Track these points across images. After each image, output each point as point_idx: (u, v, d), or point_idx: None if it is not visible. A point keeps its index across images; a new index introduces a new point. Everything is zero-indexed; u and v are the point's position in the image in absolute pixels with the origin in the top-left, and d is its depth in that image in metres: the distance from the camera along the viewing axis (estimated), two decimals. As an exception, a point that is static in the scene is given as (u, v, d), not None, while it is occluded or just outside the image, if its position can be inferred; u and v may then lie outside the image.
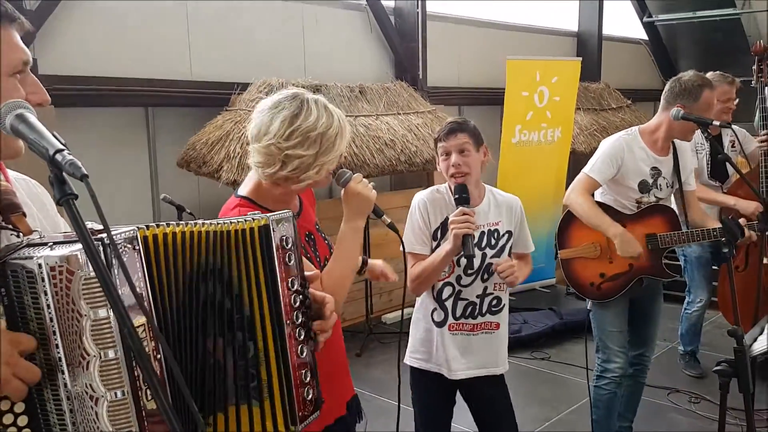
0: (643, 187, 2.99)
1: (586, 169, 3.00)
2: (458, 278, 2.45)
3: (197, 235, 1.20)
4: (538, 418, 3.95)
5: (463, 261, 2.40)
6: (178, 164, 4.71)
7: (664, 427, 3.80)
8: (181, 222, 1.20)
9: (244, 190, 1.85)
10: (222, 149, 4.51)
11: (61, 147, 0.91)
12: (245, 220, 1.24)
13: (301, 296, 1.31)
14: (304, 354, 1.31)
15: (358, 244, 1.84)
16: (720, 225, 2.89)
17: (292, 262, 1.29)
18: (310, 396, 1.31)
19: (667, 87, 3.01)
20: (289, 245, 1.29)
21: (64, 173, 0.90)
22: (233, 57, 5.06)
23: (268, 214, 1.27)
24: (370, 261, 2.26)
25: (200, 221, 1.22)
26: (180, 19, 4.82)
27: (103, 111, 4.54)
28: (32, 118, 0.94)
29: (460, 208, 2.30)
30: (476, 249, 2.41)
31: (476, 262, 2.43)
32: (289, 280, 1.28)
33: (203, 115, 4.84)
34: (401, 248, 2.11)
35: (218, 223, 1.22)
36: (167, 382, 1.10)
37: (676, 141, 3.06)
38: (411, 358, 2.55)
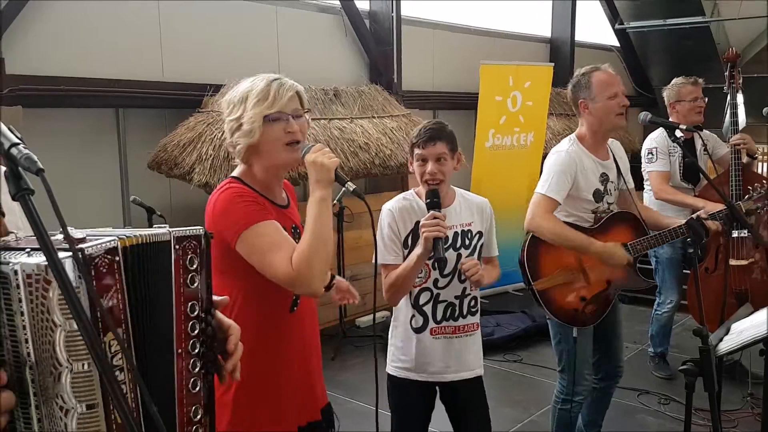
0: (597, 196, 2.92)
1: (541, 190, 2.85)
2: (435, 282, 2.45)
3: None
4: (510, 419, 3.96)
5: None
6: (148, 166, 4.66)
7: (633, 428, 3.83)
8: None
9: (236, 171, 1.93)
10: (194, 151, 4.47)
11: (17, 141, 0.88)
12: (149, 234, 1.14)
13: (202, 324, 1.20)
14: (197, 388, 1.19)
15: (326, 215, 1.78)
16: (677, 221, 2.93)
17: (195, 284, 1.19)
18: None
19: (568, 94, 3.01)
20: (194, 266, 1.19)
21: (19, 168, 0.87)
22: (206, 58, 5.02)
23: (171, 230, 1.18)
24: (337, 278, 2.25)
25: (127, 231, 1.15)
26: (152, 19, 4.76)
27: (73, 112, 4.47)
28: None
29: (431, 211, 2.29)
30: (451, 249, 2.42)
31: (452, 263, 2.43)
32: (189, 304, 1.18)
33: (175, 117, 4.80)
34: (373, 260, 2.11)
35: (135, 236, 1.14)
36: (139, 397, 1.07)
37: (608, 142, 3.04)
38: (392, 367, 2.52)
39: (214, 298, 1.27)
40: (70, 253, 0.93)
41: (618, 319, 3.16)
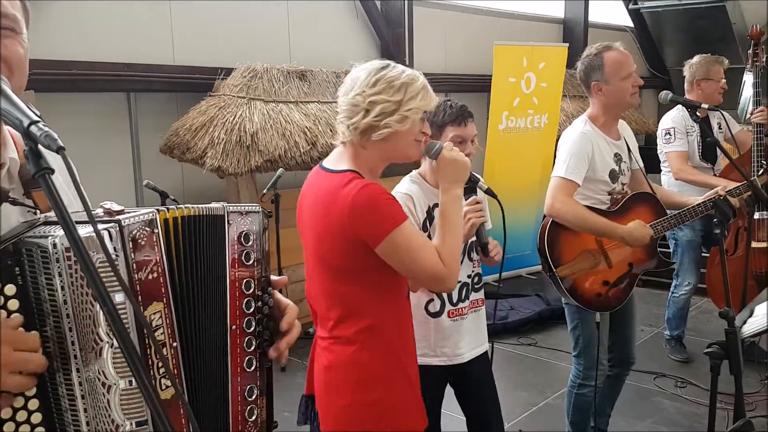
0: (613, 176, 2.87)
1: (559, 173, 2.78)
2: None
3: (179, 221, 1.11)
4: (525, 402, 3.95)
5: None
6: (161, 150, 4.65)
7: (650, 412, 3.81)
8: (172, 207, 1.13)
9: (346, 162, 1.85)
10: (206, 135, 4.45)
11: (37, 119, 0.86)
12: (202, 207, 1.14)
13: (258, 302, 1.18)
14: (253, 367, 1.17)
15: (460, 213, 1.87)
16: (693, 199, 2.87)
17: (250, 261, 1.17)
18: (253, 417, 1.18)
19: (579, 75, 2.94)
20: (250, 242, 1.17)
21: (39, 146, 0.85)
22: (217, 42, 4.99)
23: (227, 205, 1.17)
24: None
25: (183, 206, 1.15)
26: (162, 2, 4.73)
27: (84, 96, 4.46)
28: (5, 88, 0.89)
29: (473, 197, 2.24)
30: None
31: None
32: (244, 280, 1.17)
33: (186, 101, 4.78)
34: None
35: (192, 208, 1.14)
36: (183, 371, 1.06)
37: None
38: None
39: (273, 277, 1.25)
40: (107, 225, 0.91)
41: (633, 305, 3.10)
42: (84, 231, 0.90)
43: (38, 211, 1.03)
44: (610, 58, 2.80)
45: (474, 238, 2.38)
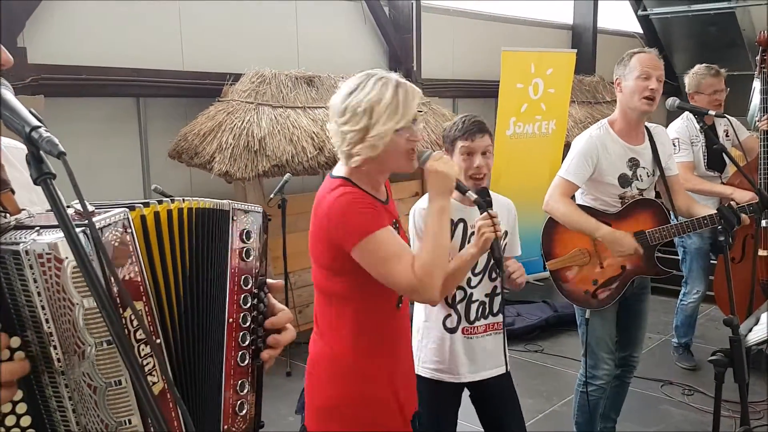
0: (624, 181, 2.87)
1: (561, 172, 2.89)
2: (468, 280, 2.39)
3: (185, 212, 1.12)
4: (532, 410, 3.93)
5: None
6: (169, 155, 4.67)
7: (657, 419, 3.79)
8: (173, 199, 1.13)
9: (343, 170, 1.88)
10: (214, 140, 4.47)
11: (38, 124, 0.86)
12: (211, 201, 1.16)
13: (255, 299, 1.21)
14: (245, 362, 1.19)
15: (444, 225, 1.84)
16: (709, 211, 2.81)
17: (249, 258, 1.20)
18: (243, 411, 1.18)
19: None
20: (251, 240, 1.20)
21: (41, 151, 0.86)
22: (225, 47, 5.02)
23: (232, 202, 1.20)
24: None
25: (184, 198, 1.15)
26: (172, 8, 4.76)
27: (94, 101, 4.49)
28: (6, 93, 0.90)
29: (487, 211, 2.19)
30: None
31: (482, 261, 2.38)
32: (242, 276, 1.19)
33: (195, 106, 4.80)
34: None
35: (198, 201, 1.15)
36: (168, 371, 1.06)
37: (651, 126, 2.96)
38: (423, 368, 2.44)
39: (269, 281, 1.26)
40: (83, 228, 0.91)
41: (645, 307, 3.09)
42: (59, 235, 0.90)
43: (8, 214, 1.01)
44: (636, 57, 2.84)
45: (491, 256, 2.36)
